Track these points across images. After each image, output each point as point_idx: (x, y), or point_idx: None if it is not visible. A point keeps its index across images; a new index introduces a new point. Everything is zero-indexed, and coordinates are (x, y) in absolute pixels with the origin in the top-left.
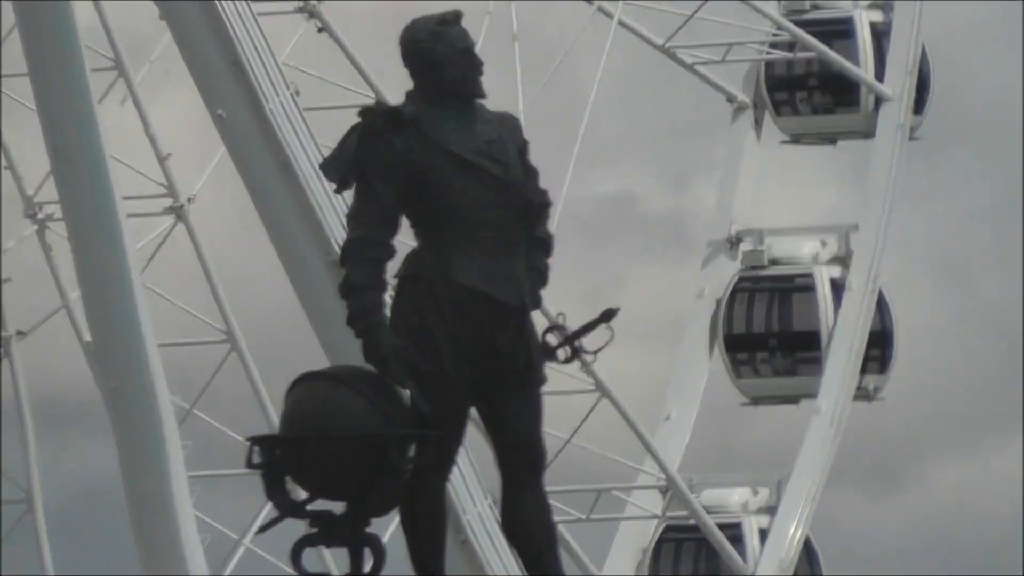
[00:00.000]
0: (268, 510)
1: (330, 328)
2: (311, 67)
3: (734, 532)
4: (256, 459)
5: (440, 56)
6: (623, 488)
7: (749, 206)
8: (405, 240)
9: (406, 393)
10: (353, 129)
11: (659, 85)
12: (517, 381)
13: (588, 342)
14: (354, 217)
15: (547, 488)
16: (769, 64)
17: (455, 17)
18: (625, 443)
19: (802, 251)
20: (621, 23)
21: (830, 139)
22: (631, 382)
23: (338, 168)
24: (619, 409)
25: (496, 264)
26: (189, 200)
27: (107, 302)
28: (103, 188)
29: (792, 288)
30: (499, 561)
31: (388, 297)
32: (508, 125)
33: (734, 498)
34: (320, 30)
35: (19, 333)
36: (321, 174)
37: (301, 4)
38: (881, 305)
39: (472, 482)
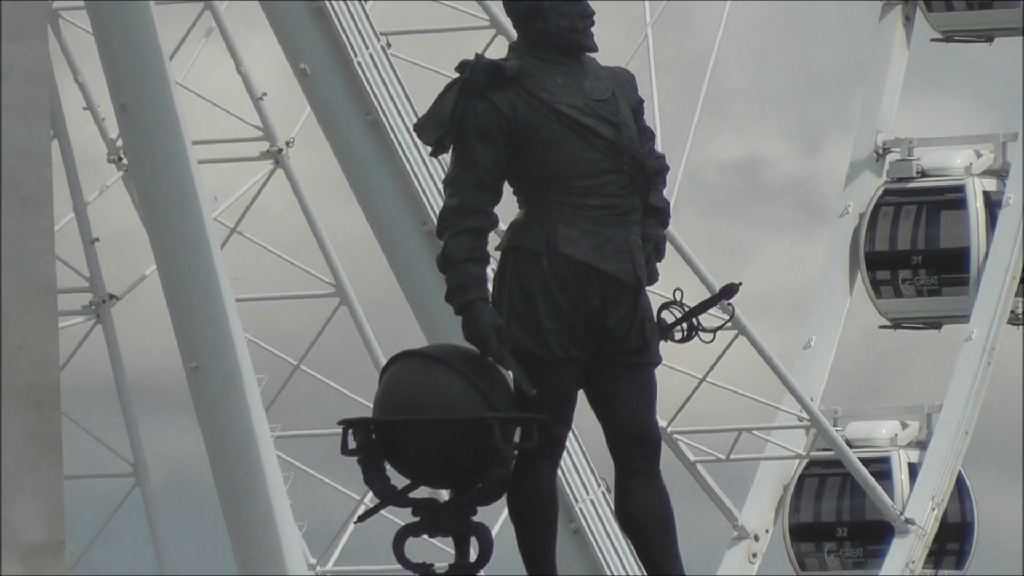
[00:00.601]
0: (369, 496)
1: (428, 304)
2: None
3: (882, 467)
4: (352, 444)
5: (546, 4)
6: (763, 429)
7: (896, 114)
8: (507, 207)
9: (509, 374)
10: (450, 86)
11: (790, 32)
12: (629, 362)
13: (707, 320)
14: (452, 183)
15: (684, 428)
16: None
17: None
18: (764, 379)
19: (954, 162)
20: None
21: (986, 37)
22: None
23: (434, 129)
24: (756, 346)
25: (607, 235)
26: (288, 143)
27: (181, 269)
28: (172, 133)
29: (942, 202)
30: (613, 552)
31: (490, 271)
32: (621, 81)
33: (882, 431)
34: None
35: (112, 297)
36: (416, 136)
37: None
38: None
39: (583, 468)
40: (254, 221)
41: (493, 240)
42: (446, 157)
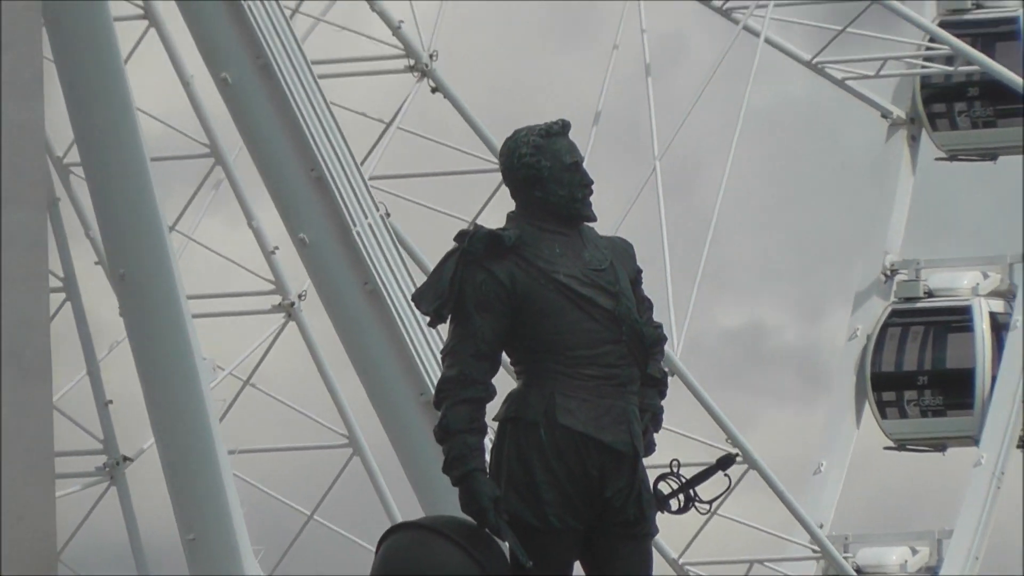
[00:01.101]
0: None
1: (425, 474)
2: (425, 130)
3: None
4: None
5: (545, 172)
6: (774, 560)
7: (904, 235)
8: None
9: (506, 545)
10: (449, 255)
11: (792, 199)
12: (626, 533)
13: (704, 491)
14: (450, 353)
15: (696, 559)
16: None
17: (562, 128)
18: (773, 510)
19: (961, 283)
20: (768, 41)
21: (991, 155)
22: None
23: (433, 299)
24: (766, 478)
25: (605, 405)
26: (300, 296)
27: (179, 441)
28: (171, 304)
29: (948, 323)
30: None
31: (488, 441)
32: (620, 251)
33: (892, 558)
34: (434, 91)
35: (126, 459)
36: (414, 305)
37: (411, 63)
38: None
39: None
40: (265, 374)
41: (491, 410)
42: (445, 326)
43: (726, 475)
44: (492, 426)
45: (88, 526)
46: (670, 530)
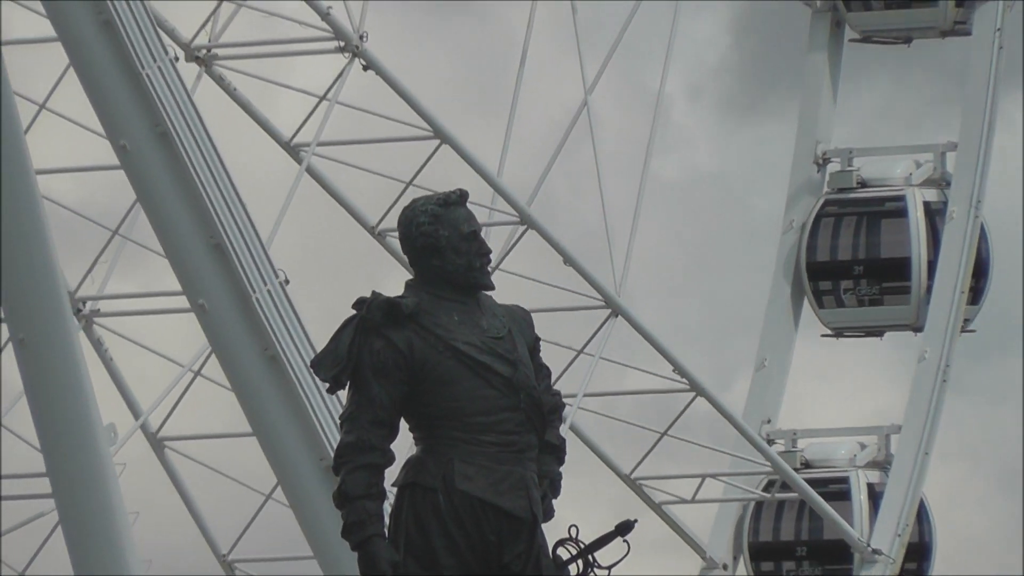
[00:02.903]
0: None
1: (325, 539)
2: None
3: (841, 487)
4: None
5: (443, 242)
6: (727, 475)
7: (835, 125)
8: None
9: None
10: (347, 323)
11: (701, 267)
12: None
13: (602, 557)
14: (348, 420)
15: (648, 475)
16: None
17: (459, 197)
18: (724, 434)
19: (894, 172)
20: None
21: (905, 38)
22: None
23: (331, 366)
24: (715, 404)
25: (504, 471)
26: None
27: (79, 506)
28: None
29: (882, 212)
30: None
31: (387, 506)
32: (518, 319)
33: (840, 452)
34: (366, 68)
35: None
36: (313, 372)
37: (342, 44)
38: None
39: None
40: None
41: (390, 476)
42: (344, 393)
43: (625, 541)
44: (392, 491)
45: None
46: (622, 449)
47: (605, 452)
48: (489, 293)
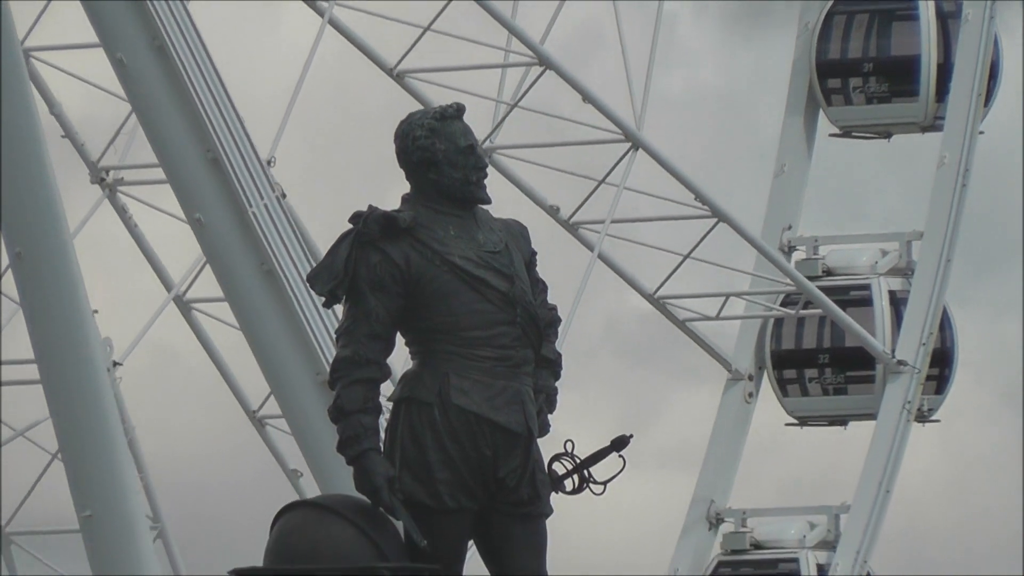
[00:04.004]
0: None
1: (320, 453)
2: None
3: (863, 294)
4: None
5: (439, 155)
6: (750, 293)
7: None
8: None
9: (400, 525)
10: (344, 236)
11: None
12: (520, 513)
13: (599, 472)
14: (344, 334)
15: (672, 293)
16: None
17: (457, 111)
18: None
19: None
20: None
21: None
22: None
23: (327, 279)
24: (737, 229)
25: (499, 386)
26: (115, 363)
27: (76, 421)
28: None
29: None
30: None
31: (383, 421)
32: (515, 233)
33: (862, 259)
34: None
35: (116, 364)
36: (309, 286)
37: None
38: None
39: None
40: (162, 365)
41: (386, 390)
42: (340, 307)
43: (620, 456)
44: (387, 406)
45: None
46: (645, 271)
47: (630, 274)
48: (485, 207)
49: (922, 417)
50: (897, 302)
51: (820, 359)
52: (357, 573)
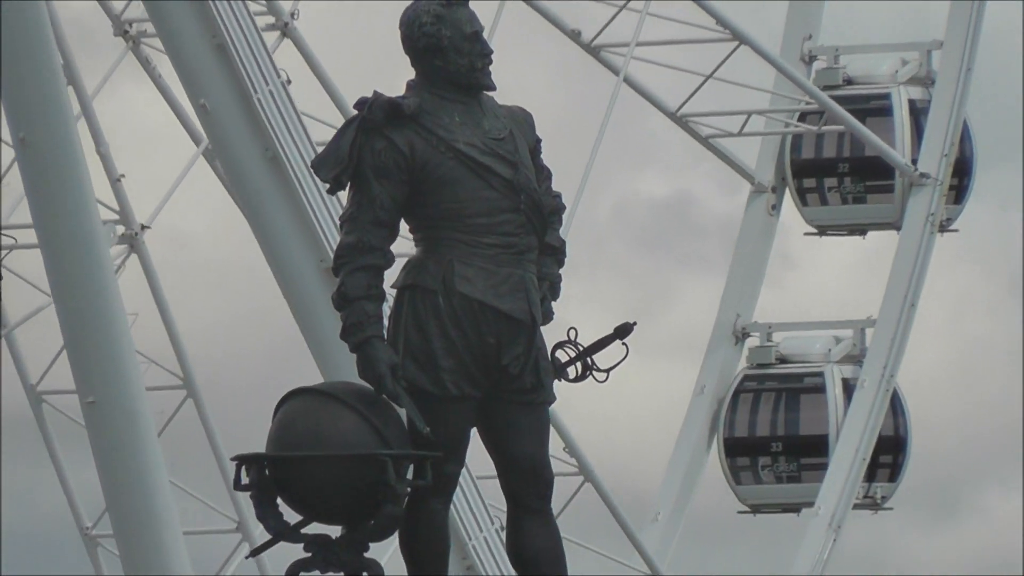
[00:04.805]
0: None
1: (324, 341)
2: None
3: (883, 103)
4: (244, 479)
5: (445, 42)
6: (772, 111)
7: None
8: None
9: (404, 411)
10: (348, 123)
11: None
12: (523, 401)
13: (602, 359)
14: (348, 220)
15: (694, 111)
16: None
17: None
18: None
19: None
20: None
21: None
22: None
23: (332, 166)
24: (756, 48)
25: (503, 273)
26: (143, 227)
27: (78, 302)
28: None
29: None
30: None
31: (386, 308)
32: (520, 121)
33: (883, 68)
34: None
35: (144, 228)
36: (313, 173)
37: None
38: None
39: (477, 506)
40: None
41: (389, 277)
42: (344, 194)
43: (623, 344)
44: (391, 293)
45: None
46: (669, 92)
47: (653, 94)
48: (491, 94)
49: (941, 228)
50: (917, 112)
51: (840, 168)
52: (359, 459)
